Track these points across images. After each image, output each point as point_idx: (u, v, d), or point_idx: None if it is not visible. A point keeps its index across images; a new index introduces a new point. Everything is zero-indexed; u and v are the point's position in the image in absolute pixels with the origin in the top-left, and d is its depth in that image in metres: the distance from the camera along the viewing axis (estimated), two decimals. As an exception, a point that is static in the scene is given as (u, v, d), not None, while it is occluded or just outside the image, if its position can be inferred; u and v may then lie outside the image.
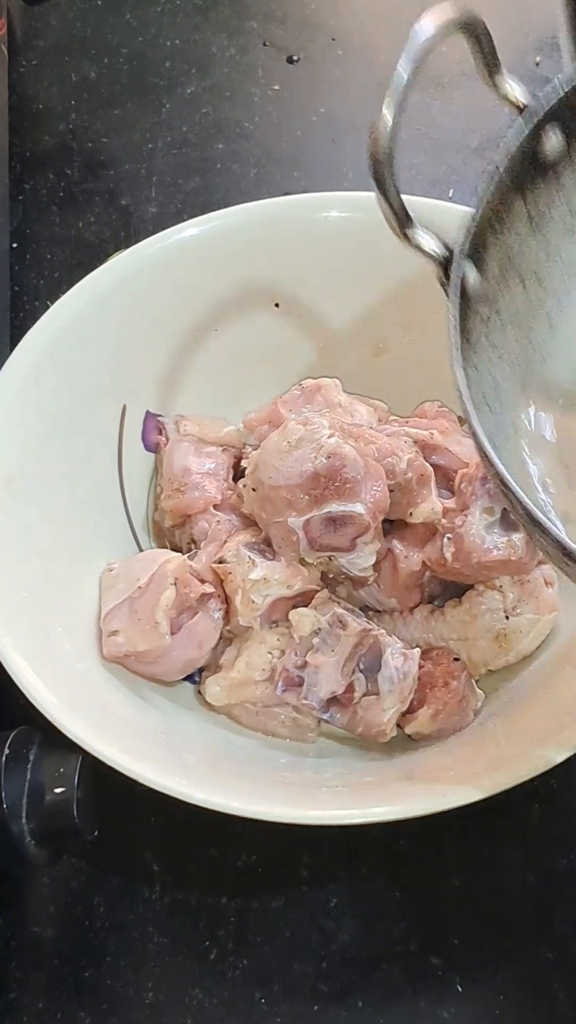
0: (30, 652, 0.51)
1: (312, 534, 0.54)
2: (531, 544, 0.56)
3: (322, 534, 0.54)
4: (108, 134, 0.84)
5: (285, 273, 0.64)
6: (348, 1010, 0.52)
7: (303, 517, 0.54)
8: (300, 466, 0.54)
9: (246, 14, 0.90)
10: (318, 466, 0.53)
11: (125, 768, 0.48)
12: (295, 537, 0.54)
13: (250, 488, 0.56)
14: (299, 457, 0.54)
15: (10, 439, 0.56)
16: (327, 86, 0.86)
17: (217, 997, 0.52)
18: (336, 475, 0.53)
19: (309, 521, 0.54)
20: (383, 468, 0.55)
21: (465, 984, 0.52)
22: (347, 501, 0.53)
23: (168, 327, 0.63)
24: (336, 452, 0.53)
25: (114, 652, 0.55)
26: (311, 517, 0.54)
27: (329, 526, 0.54)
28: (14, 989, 0.53)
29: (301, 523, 0.54)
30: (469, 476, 0.57)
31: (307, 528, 0.54)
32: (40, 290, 0.75)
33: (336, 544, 0.54)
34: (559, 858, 0.55)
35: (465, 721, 0.55)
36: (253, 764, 0.54)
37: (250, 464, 0.57)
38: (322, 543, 0.54)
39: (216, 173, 0.81)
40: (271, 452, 0.55)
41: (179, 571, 0.55)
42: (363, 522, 0.54)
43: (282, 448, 0.54)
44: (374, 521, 0.54)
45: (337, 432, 0.55)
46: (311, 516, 0.54)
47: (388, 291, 0.65)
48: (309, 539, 0.54)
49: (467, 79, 0.86)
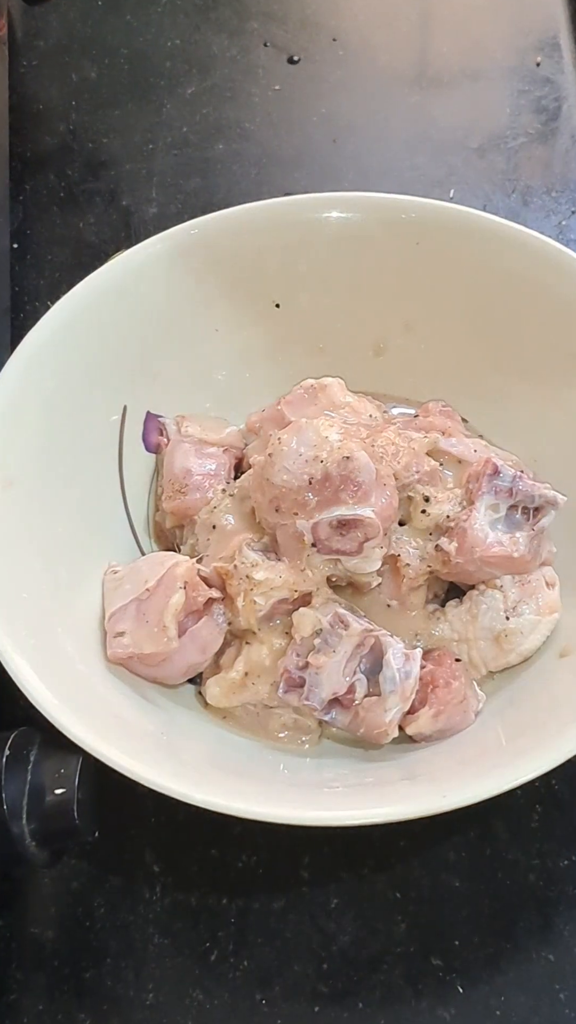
0: (31, 653, 0.51)
1: (320, 537, 0.54)
2: (534, 543, 0.56)
3: (330, 537, 0.54)
4: (108, 134, 0.84)
5: (286, 273, 0.64)
6: (348, 1011, 0.52)
7: (311, 520, 0.54)
8: (310, 468, 0.53)
9: (247, 14, 0.90)
10: (329, 468, 0.53)
11: (125, 769, 0.48)
12: (302, 540, 0.54)
13: (256, 489, 0.56)
14: (310, 458, 0.54)
15: (11, 439, 0.56)
16: (328, 86, 0.86)
17: (217, 998, 0.52)
18: (347, 478, 0.53)
19: (318, 524, 0.54)
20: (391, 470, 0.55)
21: (466, 985, 0.52)
22: (357, 504, 0.53)
23: (169, 327, 0.63)
24: (348, 455, 0.53)
25: (119, 653, 0.54)
26: (319, 520, 0.53)
27: (338, 530, 0.54)
28: (14, 990, 0.53)
29: (309, 526, 0.54)
30: (475, 473, 0.57)
31: (315, 531, 0.54)
32: (41, 290, 0.75)
33: (344, 548, 0.54)
34: (560, 859, 0.55)
35: (466, 722, 0.55)
36: (254, 765, 0.54)
37: (256, 464, 0.56)
38: (330, 546, 0.54)
39: (216, 173, 0.81)
40: (281, 453, 0.54)
41: (188, 575, 0.55)
42: (373, 526, 0.53)
43: (292, 449, 0.54)
44: (384, 525, 0.54)
45: (349, 434, 0.54)
46: (320, 519, 0.53)
47: (388, 291, 0.65)
48: (317, 542, 0.54)
49: (467, 79, 0.86)
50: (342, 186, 0.78)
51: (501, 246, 0.62)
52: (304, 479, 0.53)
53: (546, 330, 0.61)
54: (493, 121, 0.83)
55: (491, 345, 0.63)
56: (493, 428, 0.64)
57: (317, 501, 0.53)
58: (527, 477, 0.57)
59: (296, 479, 0.53)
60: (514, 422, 0.63)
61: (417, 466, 0.57)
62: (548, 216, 0.78)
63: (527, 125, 0.83)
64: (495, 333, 0.63)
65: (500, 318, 0.63)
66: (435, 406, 0.62)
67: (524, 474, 0.57)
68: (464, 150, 0.82)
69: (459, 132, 0.83)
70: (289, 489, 0.54)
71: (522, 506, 0.56)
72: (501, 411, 0.64)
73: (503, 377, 0.63)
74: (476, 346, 0.64)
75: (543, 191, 0.79)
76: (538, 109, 0.83)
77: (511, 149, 0.82)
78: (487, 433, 0.64)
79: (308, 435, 0.54)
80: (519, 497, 0.56)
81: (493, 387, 0.64)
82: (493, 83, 0.85)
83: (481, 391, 0.64)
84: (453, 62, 0.87)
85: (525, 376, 0.63)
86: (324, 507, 0.53)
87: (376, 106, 0.85)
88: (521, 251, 0.61)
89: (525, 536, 0.56)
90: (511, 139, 0.82)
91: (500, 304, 0.63)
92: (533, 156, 0.81)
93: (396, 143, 0.83)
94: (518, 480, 0.56)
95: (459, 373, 0.64)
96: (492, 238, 0.62)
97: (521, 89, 0.84)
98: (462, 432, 0.61)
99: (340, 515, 0.53)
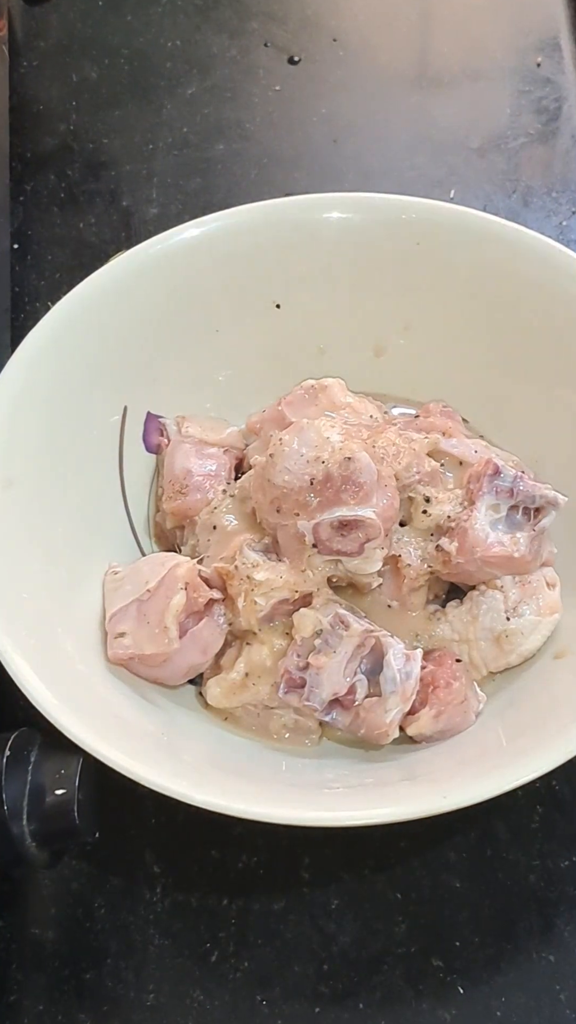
0: (31, 653, 0.51)
1: (321, 537, 0.54)
2: (534, 544, 0.56)
3: (331, 538, 0.54)
4: (109, 135, 0.84)
5: (286, 274, 0.64)
6: (349, 1012, 0.52)
7: (313, 520, 0.53)
8: (312, 468, 0.53)
9: (247, 15, 0.90)
10: (331, 469, 0.53)
11: (126, 770, 0.48)
12: (303, 541, 0.54)
13: (257, 489, 0.56)
14: (311, 459, 0.54)
15: (11, 440, 0.56)
16: (328, 87, 0.86)
17: (218, 999, 0.52)
18: (348, 479, 0.53)
19: (319, 525, 0.54)
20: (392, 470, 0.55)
21: (466, 986, 0.52)
22: (358, 505, 0.53)
23: (169, 328, 0.63)
24: (350, 455, 0.53)
25: (119, 654, 0.54)
26: (321, 521, 0.53)
27: (339, 530, 0.54)
28: (15, 991, 0.53)
29: (311, 527, 0.54)
30: (476, 474, 0.57)
31: (316, 532, 0.54)
32: (41, 291, 0.75)
33: (345, 549, 0.54)
34: (561, 859, 0.55)
35: (467, 722, 0.55)
36: (254, 765, 0.54)
37: (257, 465, 0.56)
38: (331, 547, 0.54)
39: (217, 174, 0.81)
40: (282, 453, 0.54)
41: (189, 576, 0.55)
42: (374, 526, 0.53)
43: (294, 449, 0.54)
44: (385, 525, 0.54)
45: (351, 435, 0.54)
46: (321, 520, 0.53)
47: (388, 291, 0.65)
48: (318, 543, 0.54)
49: (468, 79, 0.86)
50: (342, 186, 0.78)
51: (501, 246, 0.62)
52: (305, 480, 0.53)
53: (546, 330, 0.61)
54: (493, 121, 0.83)
55: (491, 345, 0.63)
56: (493, 428, 0.64)
57: (318, 502, 0.53)
58: (528, 477, 0.57)
59: (298, 479, 0.53)
60: (514, 423, 0.63)
61: (418, 467, 0.57)
62: (548, 216, 0.78)
63: (527, 125, 0.83)
64: (495, 333, 0.63)
65: (500, 318, 0.63)
66: (436, 406, 0.62)
67: (525, 474, 0.57)
68: (464, 150, 0.82)
69: (459, 132, 0.83)
70: (291, 490, 0.54)
71: (523, 506, 0.56)
72: (501, 411, 0.64)
73: (504, 377, 0.63)
74: (476, 346, 0.64)
75: (543, 191, 0.80)
76: (538, 109, 0.83)
77: (511, 149, 0.82)
78: (487, 433, 0.64)
79: (309, 436, 0.54)
80: (520, 497, 0.56)
81: (493, 387, 0.64)
82: (493, 83, 0.85)
83: (481, 391, 0.64)
84: (453, 62, 0.87)
85: (526, 376, 0.63)
86: (325, 508, 0.53)
87: (376, 106, 0.85)
88: (521, 251, 0.61)
89: (526, 536, 0.56)
90: (511, 139, 0.82)
91: (500, 304, 0.63)
92: (533, 156, 0.81)
93: (396, 143, 0.83)
94: (519, 480, 0.56)
95: (459, 373, 0.64)
96: (492, 238, 0.62)
97: (521, 89, 0.84)
98: (463, 432, 0.61)
99: (341, 516, 0.53)
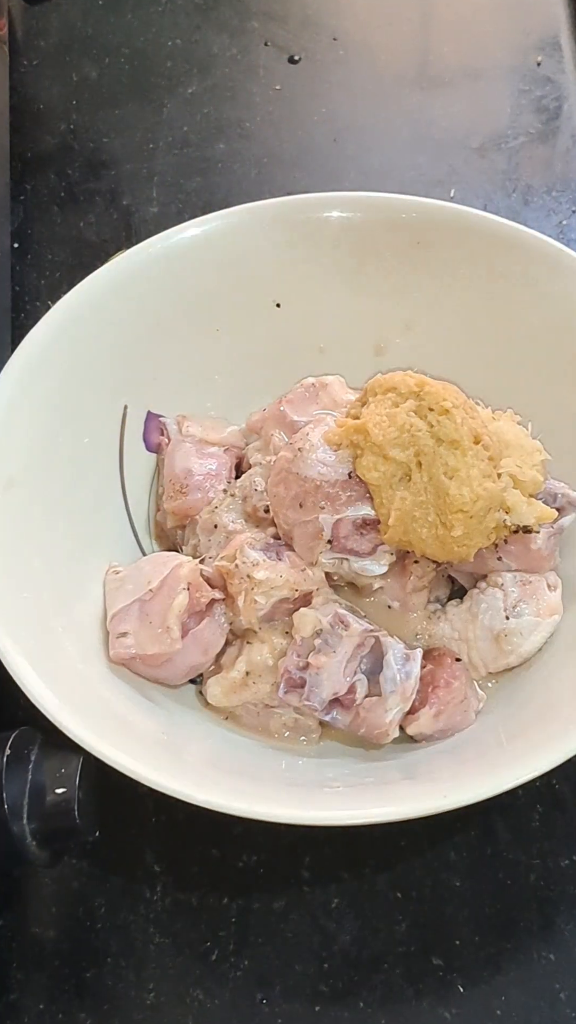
0: (31, 652, 0.51)
1: (340, 534, 0.54)
2: (551, 541, 0.56)
3: (349, 536, 0.54)
4: (109, 134, 0.84)
5: (286, 273, 0.64)
6: (349, 1011, 0.52)
7: (337, 516, 0.54)
8: (342, 464, 0.54)
9: (247, 14, 0.90)
10: None
11: (126, 769, 0.48)
12: (320, 535, 0.54)
13: (278, 484, 0.56)
14: (342, 455, 0.54)
15: (11, 439, 0.56)
16: (328, 86, 0.86)
17: (218, 998, 0.52)
18: None
19: (341, 521, 0.54)
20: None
21: (467, 985, 0.52)
22: None
23: (169, 327, 0.63)
24: None
25: (121, 654, 0.54)
26: (343, 517, 0.54)
27: (359, 529, 0.54)
28: (15, 990, 0.53)
29: (332, 521, 0.54)
30: None
31: (336, 528, 0.54)
32: (41, 290, 0.75)
33: (359, 548, 0.54)
34: (561, 859, 0.55)
35: (467, 722, 0.55)
36: (254, 765, 0.54)
37: (280, 459, 0.56)
38: (346, 545, 0.54)
39: (217, 173, 0.81)
40: (312, 446, 0.54)
41: (192, 576, 0.55)
42: None
43: (324, 443, 0.54)
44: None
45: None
46: (345, 516, 0.54)
47: (388, 291, 0.65)
48: (334, 539, 0.54)
49: (468, 79, 0.86)
50: (343, 186, 0.78)
51: (501, 246, 0.62)
52: (343, 472, 0.54)
53: (546, 330, 0.61)
54: (494, 121, 0.83)
55: (491, 345, 0.63)
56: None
57: (348, 496, 0.54)
58: (551, 477, 0.57)
59: (334, 471, 0.54)
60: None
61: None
62: (548, 216, 0.78)
63: (528, 125, 0.83)
64: (495, 333, 0.63)
65: (500, 318, 0.63)
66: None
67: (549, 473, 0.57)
68: (465, 150, 0.82)
69: (460, 132, 0.83)
70: (324, 482, 0.54)
71: (545, 503, 0.57)
72: (501, 411, 0.64)
73: (503, 377, 0.63)
74: (476, 346, 0.64)
75: (544, 191, 0.79)
76: (539, 109, 0.83)
77: (512, 149, 0.82)
78: (488, 433, 0.64)
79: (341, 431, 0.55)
80: (543, 496, 0.56)
81: (493, 387, 0.64)
82: (494, 83, 0.85)
83: (481, 391, 0.64)
84: (454, 62, 0.87)
85: (525, 376, 0.63)
86: (351, 503, 0.54)
87: (377, 106, 0.85)
88: (521, 251, 0.61)
89: (544, 533, 0.56)
90: (512, 139, 0.82)
91: (500, 304, 0.63)
92: (534, 156, 0.81)
93: (397, 143, 0.83)
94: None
95: (459, 373, 0.64)
96: (492, 238, 0.62)
97: (522, 89, 0.84)
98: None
99: (366, 514, 0.54)
